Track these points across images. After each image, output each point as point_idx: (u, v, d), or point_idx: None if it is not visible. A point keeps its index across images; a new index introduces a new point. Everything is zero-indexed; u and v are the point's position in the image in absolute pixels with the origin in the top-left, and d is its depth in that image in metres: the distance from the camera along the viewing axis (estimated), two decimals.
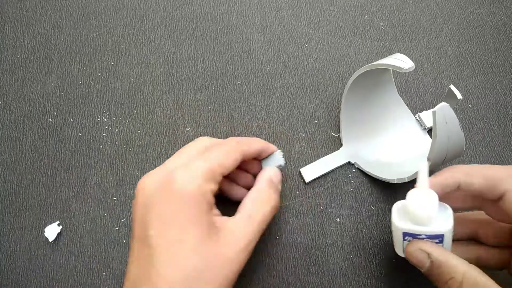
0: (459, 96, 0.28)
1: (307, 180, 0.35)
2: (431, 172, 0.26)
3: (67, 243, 0.34)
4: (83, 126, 0.38)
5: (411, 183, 0.28)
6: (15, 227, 0.35)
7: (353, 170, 0.36)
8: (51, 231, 0.34)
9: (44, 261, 0.33)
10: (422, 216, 0.22)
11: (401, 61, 0.28)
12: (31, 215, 0.35)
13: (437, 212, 0.22)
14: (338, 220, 0.34)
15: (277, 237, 0.34)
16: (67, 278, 0.33)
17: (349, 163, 0.36)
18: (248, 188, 0.32)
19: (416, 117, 0.37)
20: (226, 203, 0.31)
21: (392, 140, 0.37)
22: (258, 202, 0.29)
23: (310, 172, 0.35)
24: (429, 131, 0.37)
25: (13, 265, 0.33)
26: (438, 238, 0.22)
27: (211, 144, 0.30)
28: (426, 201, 0.22)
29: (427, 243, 0.23)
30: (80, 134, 0.38)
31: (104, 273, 0.33)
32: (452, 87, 0.28)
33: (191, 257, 0.24)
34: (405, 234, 0.23)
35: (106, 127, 0.38)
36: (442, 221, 0.23)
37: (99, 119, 0.39)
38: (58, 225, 0.34)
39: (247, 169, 0.33)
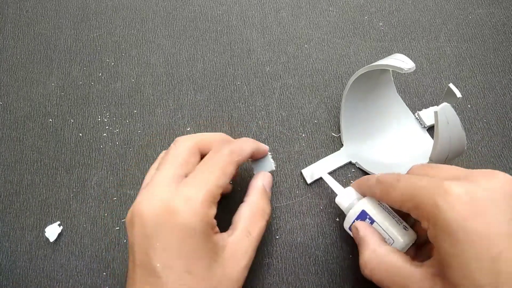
0: (458, 94, 0.28)
1: (309, 181, 0.35)
2: None
3: (67, 243, 0.34)
4: (83, 127, 0.39)
5: None
6: (15, 227, 0.35)
7: (353, 170, 0.36)
8: (52, 231, 0.34)
9: (45, 261, 0.33)
10: (344, 206, 0.31)
11: (402, 62, 0.28)
12: (31, 215, 0.35)
13: (355, 202, 0.30)
14: (338, 220, 0.34)
15: (277, 237, 0.34)
16: (68, 278, 0.33)
17: (349, 163, 0.36)
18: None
19: (415, 116, 0.37)
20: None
21: (392, 139, 0.37)
22: (254, 216, 0.29)
23: (312, 173, 0.35)
24: (429, 129, 0.37)
25: (14, 265, 0.33)
26: (368, 220, 0.29)
27: (193, 150, 0.28)
28: (343, 196, 0.31)
29: (360, 222, 0.29)
30: (80, 135, 0.38)
31: (104, 273, 0.33)
32: (451, 85, 0.28)
33: (200, 284, 0.25)
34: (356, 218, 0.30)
35: (107, 127, 0.38)
36: (360, 208, 0.29)
37: (99, 119, 0.39)
38: (59, 225, 0.34)
39: None
